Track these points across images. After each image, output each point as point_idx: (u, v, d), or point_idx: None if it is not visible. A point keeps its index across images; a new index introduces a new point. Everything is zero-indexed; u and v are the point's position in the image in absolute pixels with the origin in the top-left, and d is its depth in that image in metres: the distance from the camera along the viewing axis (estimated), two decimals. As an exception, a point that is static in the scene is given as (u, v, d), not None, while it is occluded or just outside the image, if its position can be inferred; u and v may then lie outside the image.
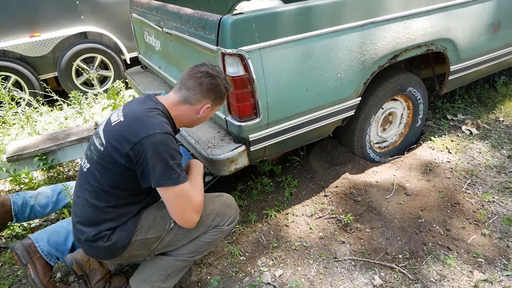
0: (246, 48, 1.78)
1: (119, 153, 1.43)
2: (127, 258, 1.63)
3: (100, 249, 1.54)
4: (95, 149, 1.54)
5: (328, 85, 2.10)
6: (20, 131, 3.60)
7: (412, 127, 2.89)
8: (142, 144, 1.40)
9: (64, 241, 1.87)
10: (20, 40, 4.11)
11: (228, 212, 1.71)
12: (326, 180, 2.56)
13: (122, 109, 1.57)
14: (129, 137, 1.42)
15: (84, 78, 4.56)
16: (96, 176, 1.51)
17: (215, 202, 1.70)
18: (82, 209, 1.54)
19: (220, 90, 1.58)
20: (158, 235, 1.59)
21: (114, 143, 1.45)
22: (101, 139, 1.51)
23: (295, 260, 2.03)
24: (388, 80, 2.52)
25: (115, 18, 4.54)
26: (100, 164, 1.50)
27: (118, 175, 1.47)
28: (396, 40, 2.24)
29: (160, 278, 1.69)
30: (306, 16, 1.92)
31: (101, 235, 1.52)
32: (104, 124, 1.57)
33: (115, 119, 1.53)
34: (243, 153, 1.97)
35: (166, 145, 1.41)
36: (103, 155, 1.48)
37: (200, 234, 1.65)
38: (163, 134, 1.42)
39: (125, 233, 1.54)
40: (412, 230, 2.16)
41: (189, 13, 2.09)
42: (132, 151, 1.41)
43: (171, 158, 1.41)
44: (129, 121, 1.48)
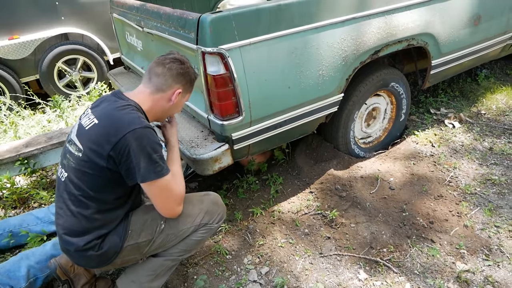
0: (226, 47, 1.77)
1: (100, 155, 1.40)
2: (120, 264, 1.61)
3: (92, 258, 1.50)
4: (71, 156, 1.49)
5: (310, 82, 2.10)
6: (2, 136, 3.53)
7: (396, 122, 2.92)
8: (123, 142, 1.38)
9: (17, 267, 1.83)
10: (-1, 43, 4.03)
11: (216, 210, 1.72)
12: (312, 176, 2.57)
13: (92, 112, 1.52)
14: (108, 137, 1.40)
15: (66, 80, 4.49)
16: (76, 183, 1.46)
17: (203, 201, 1.71)
18: (67, 220, 1.49)
19: (189, 74, 1.60)
20: (149, 238, 1.58)
21: (92, 147, 1.42)
22: (77, 145, 1.47)
23: (281, 257, 2.03)
24: (370, 76, 2.53)
25: (96, 18, 4.48)
26: (79, 171, 1.46)
27: (101, 178, 1.44)
28: (377, 35, 2.25)
29: (148, 278, 1.68)
30: (285, 13, 1.92)
31: (92, 244, 1.48)
32: (76, 129, 1.52)
33: (87, 123, 1.48)
34: (226, 152, 1.97)
35: (147, 139, 1.40)
36: (82, 161, 1.44)
37: (190, 233, 1.66)
38: (143, 128, 1.41)
39: (116, 240, 1.51)
40: (396, 224, 2.18)
41: (169, 12, 2.07)
42: (114, 151, 1.39)
43: (153, 151, 1.41)
44: (105, 122, 1.44)
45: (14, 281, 1.79)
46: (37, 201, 2.57)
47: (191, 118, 2.29)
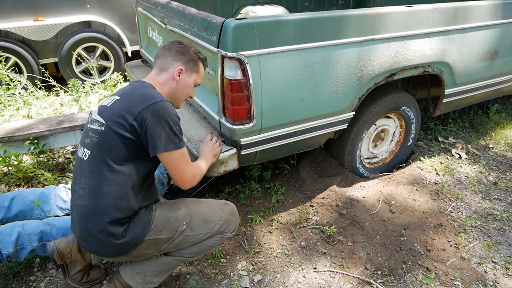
0: (245, 53, 1.80)
1: (122, 126, 1.47)
2: (134, 256, 1.63)
3: (112, 246, 1.52)
4: (94, 132, 1.53)
5: (324, 96, 2.12)
6: (14, 113, 3.58)
7: (403, 146, 2.93)
8: (145, 112, 1.46)
9: (9, 232, 1.83)
10: (24, 23, 4.11)
11: (233, 220, 1.80)
12: (314, 190, 2.58)
13: (113, 95, 1.62)
14: (131, 109, 1.48)
15: (83, 67, 4.56)
16: (100, 158, 1.49)
17: (223, 210, 1.78)
18: (89, 199, 1.50)
19: (189, 53, 1.70)
20: (170, 236, 1.62)
21: (115, 119, 1.49)
22: (99, 121, 1.53)
23: (275, 267, 2.04)
24: (383, 97, 2.55)
25: (120, 10, 4.56)
26: (102, 144, 1.49)
27: (123, 149, 1.48)
28: (394, 59, 2.27)
29: (153, 273, 1.71)
30: (307, 27, 1.95)
31: (115, 231, 1.49)
32: (97, 110, 1.59)
33: (109, 102, 1.57)
34: (233, 156, 1.99)
35: (169, 111, 1.50)
36: (105, 133, 1.50)
37: (206, 238, 1.72)
38: (164, 101, 1.51)
39: (139, 231, 1.54)
40: (393, 247, 2.18)
41: (193, 13, 2.11)
42: (136, 121, 1.46)
43: (174, 123, 1.51)
44: (127, 97, 1.54)
45: (3, 244, 1.81)
46: (41, 181, 2.60)
47: (202, 118, 2.32)
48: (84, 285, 1.85)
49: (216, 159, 1.90)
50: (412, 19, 2.26)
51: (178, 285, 1.91)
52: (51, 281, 1.94)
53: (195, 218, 1.68)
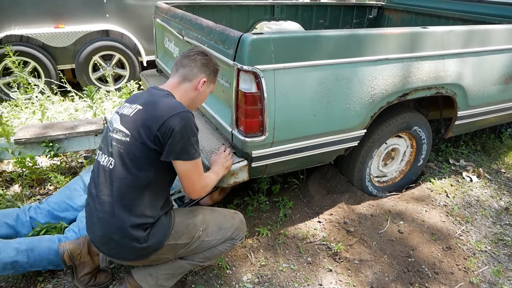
0: (261, 67, 1.83)
1: (147, 137, 1.51)
2: (152, 260, 1.67)
3: (134, 250, 1.56)
4: (119, 142, 1.56)
5: (336, 113, 2.14)
6: (30, 116, 3.66)
7: (414, 166, 2.91)
8: (168, 122, 1.50)
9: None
10: (44, 29, 4.23)
11: (243, 228, 1.87)
12: (322, 206, 2.57)
13: (131, 103, 1.64)
14: (154, 120, 1.52)
15: (99, 74, 4.66)
16: (127, 167, 1.54)
17: (234, 218, 1.85)
18: (115, 206, 1.54)
19: (213, 65, 1.76)
20: (187, 241, 1.67)
21: (140, 129, 1.53)
22: (123, 131, 1.56)
23: (281, 281, 2.03)
24: (395, 117, 2.56)
25: (138, 20, 4.67)
26: (129, 155, 1.54)
27: (148, 160, 1.53)
28: (407, 79, 2.29)
29: (166, 276, 1.74)
30: (323, 44, 1.98)
31: (137, 235, 1.53)
32: (118, 119, 1.61)
33: (130, 111, 1.60)
34: (244, 168, 2.00)
35: (189, 123, 1.54)
36: (130, 144, 1.54)
37: (218, 244, 1.77)
38: (186, 112, 1.55)
39: (160, 237, 1.59)
40: (400, 268, 2.15)
41: (211, 26, 2.16)
42: (159, 131, 1.50)
43: (192, 135, 1.55)
44: (150, 107, 1.57)
45: None
46: (53, 184, 2.64)
47: (214, 129, 2.34)
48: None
49: (228, 171, 1.92)
50: (427, 40, 2.28)
51: (183, 294, 1.92)
52: (59, 282, 1.95)
53: (211, 225, 1.74)
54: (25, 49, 4.18)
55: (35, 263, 1.84)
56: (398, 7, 4.20)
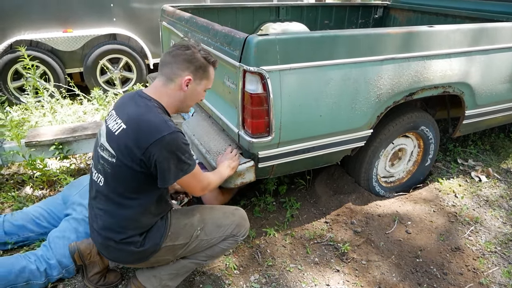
0: (267, 68, 1.84)
1: (132, 161, 1.47)
2: (153, 262, 1.68)
3: (132, 254, 1.58)
4: (105, 162, 1.54)
5: (342, 113, 2.14)
6: (40, 119, 3.71)
7: (421, 166, 2.90)
8: (152, 148, 1.43)
9: None
10: (53, 34, 4.29)
11: (244, 225, 1.83)
12: (329, 207, 2.57)
13: (117, 114, 1.56)
14: (138, 144, 1.44)
15: (107, 77, 4.71)
16: (114, 188, 1.54)
17: (234, 214, 1.82)
18: (106, 220, 1.57)
19: (197, 59, 1.56)
20: (185, 241, 1.67)
21: (124, 152, 1.47)
22: (109, 151, 1.52)
23: (288, 282, 2.03)
24: (401, 116, 2.55)
25: (144, 23, 4.72)
26: (115, 176, 1.53)
27: (136, 181, 1.52)
28: (414, 78, 2.28)
29: (170, 276, 1.75)
30: (328, 44, 1.98)
31: (134, 240, 1.56)
32: (105, 134, 1.56)
33: (115, 128, 1.52)
34: (250, 169, 2.01)
35: (176, 143, 1.47)
36: (117, 166, 1.50)
37: (219, 242, 1.76)
38: (171, 134, 1.45)
39: (156, 239, 1.60)
40: (408, 268, 2.14)
41: (217, 28, 2.18)
42: (144, 156, 1.45)
43: (182, 153, 1.50)
44: (133, 127, 1.47)
45: None
46: (63, 185, 2.67)
47: (221, 130, 2.36)
48: (100, 287, 1.88)
49: (234, 171, 1.92)
50: (433, 39, 2.27)
51: (190, 295, 1.93)
52: (69, 281, 1.97)
53: (209, 223, 1.73)
54: (34, 53, 4.24)
55: (1, 281, 1.78)
56: (404, 6, 4.19)
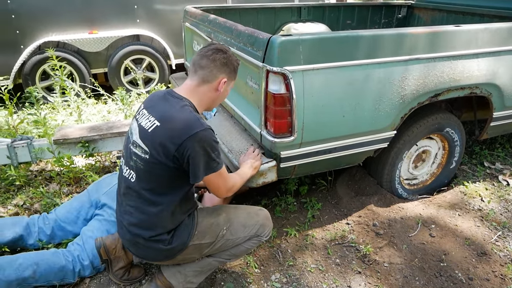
0: (290, 68, 1.84)
1: (165, 157, 1.51)
2: (179, 260, 1.72)
3: (160, 251, 1.62)
4: (138, 158, 1.58)
5: (365, 114, 2.12)
6: (66, 118, 3.82)
7: (446, 169, 2.84)
8: (186, 143, 1.49)
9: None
10: (79, 35, 4.42)
11: (268, 225, 1.85)
12: (350, 208, 2.55)
13: (149, 113, 1.61)
14: (172, 140, 1.50)
15: (130, 77, 4.81)
16: (146, 184, 1.58)
17: (259, 215, 1.84)
18: (136, 216, 1.61)
19: (232, 63, 1.69)
20: (211, 241, 1.70)
21: (158, 148, 1.52)
22: (143, 148, 1.56)
23: (309, 282, 2.02)
24: (426, 118, 2.50)
25: (167, 25, 4.79)
26: (148, 172, 1.56)
27: (169, 178, 1.56)
28: (439, 79, 2.24)
29: (194, 273, 1.78)
30: (351, 45, 1.97)
31: (162, 237, 1.59)
32: (138, 131, 1.61)
33: (148, 125, 1.57)
34: (272, 168, 2.02)
35: (207, 140, 1.52)
36: (150, 162, 1.54)
37: (243, 241, 1.78)
38: (203, 131, 1.51)
39: (184, 238, 1.63)
40: (432, 272, 2.10)
41: (240, 29, 2.19)
42: (177, 152, 1.50)
43: (213, 150, 1.54)
44: (167, 125, 1.53)
45: None
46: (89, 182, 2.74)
47: (243, 130, 2.37)
48: (125, 282, 1.94)
49: (257, 171, 1.94)
50: (460, 39, 2.23)
51: (212, 292, 1.95)
52: (95, 276, 2.03)
53: (234, 223, 1.76)
54: (61, 54, 4.38)
55: (41, 278, 1.84)
56: (428, 5, 4.11)
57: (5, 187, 2.84)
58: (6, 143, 2.85)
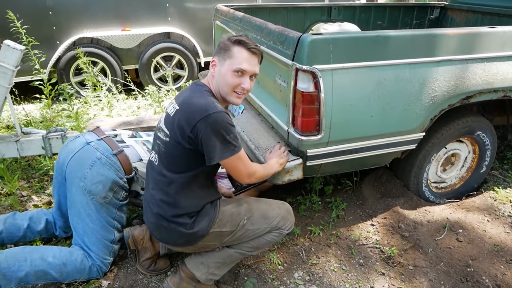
0: (319, 67, 1.85)
1: (182, 138, 1.58)
2: (199, 247, 1.76)
3: (181, 236, 1.67)
4: (161, 142, 1.69)
5: (394, 114, 2.10)
6: (98, 112, 3.96)
7: (475, 173, 2.77)
8: (199, 125, 1.53)
9: (17, 267, 1.78)
10: (112, 32, 4.56)
11: (289, 218, 1.87)
12: (375, 209, 2.53)
13: (175, 100, 1.72)
14: (187, 121, 1.56)
15: (160, 74, 4.92)
16: (166, 166, 1.66)
17: (280, 207, 1.87)
18: (161, 199, 1.67)
19: (221, 42, 1.67)
20: (232, 229, 1.73)
21: (176, 131, 1.60)
22: (165, 131, 1.67)
23: (332, 281, 2.03)
24: (456, 120, 2.46)
25: (197, 23, 4.88)
26: (168, 154, 1.65)
27: (186, 160, 1.62)
28: (471, 81, 2.19)
29: (216, 264, 1.82)
30: (383, 44, 1.96)
31: (184, 221, 1.65)
32: (164, 117, 1.72)
33: (172, 111, 1.67)
34: (299, 166, 2.04)
35: (221, 123, 1.55)
36: (170, 144, 1.63)
37: (264, 233, 1.80)
38: (216, 113, 1.54)
39: (205, 224, 1.68)
40: (458, 277, 2.07)
41: (270, 27, 2.22)
42: (192, 133, 1.55)
43: (226, 133, 1.56)
44: (184, 108, 1.61)
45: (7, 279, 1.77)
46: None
47: (270, 128, 2.40)
48: (151, 272, 2.00)
49: (283, 168, 1.96)
50: (495, 40, 2.17)
51: (236, 285, 1.99)
52: (123, 265, 2.11)
53: (255, 214, 1.78)
54: (95, 50, 4.54)
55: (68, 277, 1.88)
56: (462, 6, 4.00)
57: (39, 176, 2.98)
58: (42, 134, 3.00)
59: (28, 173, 3.02)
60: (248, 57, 1.64)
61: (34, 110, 4.17)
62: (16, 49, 2.73)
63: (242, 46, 1.64)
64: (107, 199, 1.92)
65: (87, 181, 1.87)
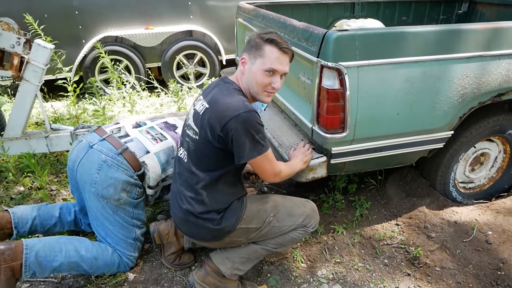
0: (345, 64, 1.82)
1: (212, 137, 1.59)
2: (226, 243, 1.78)
3: (209, 231, 1.69)
4: (190, 139, 1.70)
5: (421, 112, 2.05)
6: (121, 109, 4.04)
7: (506, 173, 2.67)
8: (229, 125, 1.53)
9: (52, 257, 1.81)
10: (136, 31, 4.63)
11: (314, 217, 1.86)
12: (400, 209, 2.49)
13: (203, 97, 1.71)
14: (217, 120, 1.56)
15: (182, 72, 4.97)
16: (196, 163, 1.68)
17: (305, 205, 1.87)
18: (189, 195, 1.69)
19: (252, 39, 1.65)
20: (258, 226, 1.75)
21: (206, 129, 1.60)
22: (194, 129, 1.68)
23: (356, 280, 2.01)
24: (486, 119, 2.38)
25: (219, 21, 4.89)
26: (197, 152, 1.67)
27: (215, 158, 1.63)
28: (504, 77, 2.11)
29: (241, 260, 1.83)
30: (409, 40, 1.92)
31: (212, 216, 1.67)
32: (192, 115, 1.73)
33: (200, 108, 1.67)
34: (323, 164, 2.02)
35: (251, 122, 1.55)
36: (199, 142, 1.65)
37: (289, 231, 1.81)
38: (246, 112, 1.54)
39: (232, 220, 1.69)
40: (488, 280, 2.01)
41: (294, 24, 2.20)
42: (222, 132, 1.56)
43: (256, 133, 1.56)
44: (214, 107, 1.61)
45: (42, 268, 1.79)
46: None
47: (293, 125, 2.38)
48: (175, 267, 2.03)
49: (307, 166, 1.94)
50: (529, 35, 2.09)
51: (259, 281, 1.99)
52: (148, 259, 2.14)
53: (281, 211, 1.79)
54: (119, 48, 4.62)
55: (97, 271, 1.93)
56: (493, 0, 3.87)
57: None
58: (70, 130, 3.08)
59: (56, 168, 3.11)
60: (280, 56, 1.62)
61: (61, 107, 4.29)
62: (46, 48, 2.81)
63: (274, 45, 1.61)
64: (121, 201, 1.90)
65: (98, 186, 1.86)
